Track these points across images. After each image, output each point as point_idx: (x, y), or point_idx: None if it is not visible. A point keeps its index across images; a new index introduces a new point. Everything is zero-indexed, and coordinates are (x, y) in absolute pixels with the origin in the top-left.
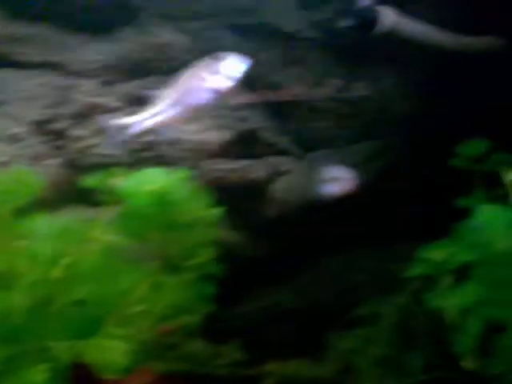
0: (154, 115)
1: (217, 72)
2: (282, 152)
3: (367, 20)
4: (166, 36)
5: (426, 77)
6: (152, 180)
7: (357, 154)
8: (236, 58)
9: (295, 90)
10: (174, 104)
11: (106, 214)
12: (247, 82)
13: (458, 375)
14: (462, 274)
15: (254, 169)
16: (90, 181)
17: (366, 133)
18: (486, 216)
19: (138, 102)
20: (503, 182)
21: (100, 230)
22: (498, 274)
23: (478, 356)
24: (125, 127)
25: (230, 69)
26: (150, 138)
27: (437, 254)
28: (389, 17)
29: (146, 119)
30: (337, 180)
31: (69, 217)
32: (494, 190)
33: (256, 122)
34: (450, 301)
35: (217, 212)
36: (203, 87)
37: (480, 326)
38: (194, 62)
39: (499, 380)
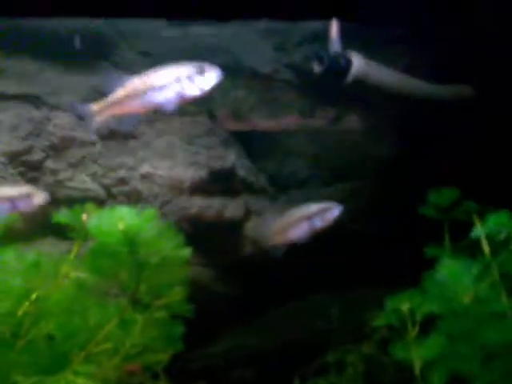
0: (117, 103)
1: (188, 78)
2: (258, 191)
3: (339, 66)
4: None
5: (402, 122)
6: (122, 218)
7: (329, 197)
8: (210, 70)
9: (290, 119)
10: (137, 96)
11: (78, 248)
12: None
13: None
14: (428, 325)
15: (229, 207)
16: (62, 216)
17: (339, 174)
18: (451, 269)
19: (113, 137)
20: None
21: (70, 266)
22: (462, 327)
23: None
24: (91, 113)
25: (201, 78)
26: (124, 172)
27: (403, 304)
28: (360, 63)
29: (109, 106)
30: (321, 213)
31: (41, 250)
32: (463, 240)
33: (232, 160)
34: (415, 352)
35: (186, 252)
36: (170, 88)
37: (443, 379)
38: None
39: None
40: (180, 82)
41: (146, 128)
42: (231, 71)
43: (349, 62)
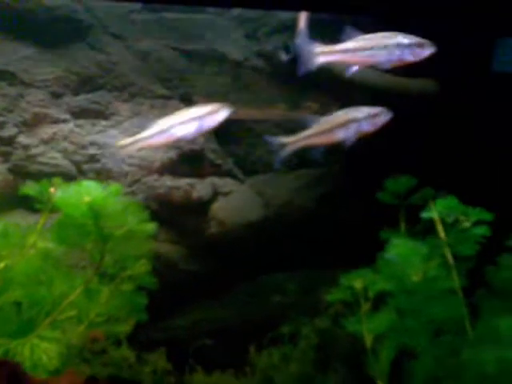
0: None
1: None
2: (225, 173)
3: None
4: (115, 54)
5: None
6: (89, 192)
7: (297, 180)
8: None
9: (277, 110)
10: None
11: (45, 220)
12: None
13: None
14: (379, 301)
15: (196, 188)
16: (30, 189)
17: (306, 160)
18: (401, 249)
19: (85, 115)
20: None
21: (37, 237)
22: (411, 304)
23: (391, 379)
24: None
25: None
26: (95, 150)
27: (357, 281)
28: None
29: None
30: (370, 118)
31: (9, 221)
32: (418, 224)
33: (201, 143)
34: (367, 326)
35: (151, 226)
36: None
37: (392, 352)
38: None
39: None
40: None
41: (116, 108)
42: (204, 57)
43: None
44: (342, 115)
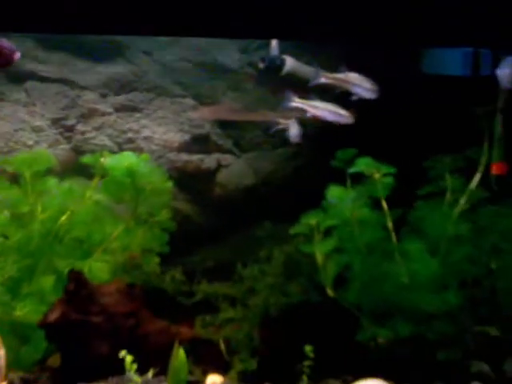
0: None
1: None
2: (226, 151)
3: (275, 64)
4: (145, 65)
5: None
6: (127, 159)
7: (279, 156)
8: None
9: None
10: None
11: (98, 180)
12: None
13: (323, 299)
14: (328, 233)
15: (204, 162)
16: (88, 159)
17: (285, 141)
18: (335, 193)
19: (124, 110)
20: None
21: (92, 192)
22: (348, 232)
23: (336, 287)
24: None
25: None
26: (131, 135)
27: (312, 219)
28: (290, 62)
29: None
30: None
31: (71, 182)
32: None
33: (208, 128)
34: (318, 249)
35: (170, 184)
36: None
37: (336, 267)
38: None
39: (352, 305)
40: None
41: (146, 104)
42: (209, 66)
43: (282, 61)
44: (326, 105)
